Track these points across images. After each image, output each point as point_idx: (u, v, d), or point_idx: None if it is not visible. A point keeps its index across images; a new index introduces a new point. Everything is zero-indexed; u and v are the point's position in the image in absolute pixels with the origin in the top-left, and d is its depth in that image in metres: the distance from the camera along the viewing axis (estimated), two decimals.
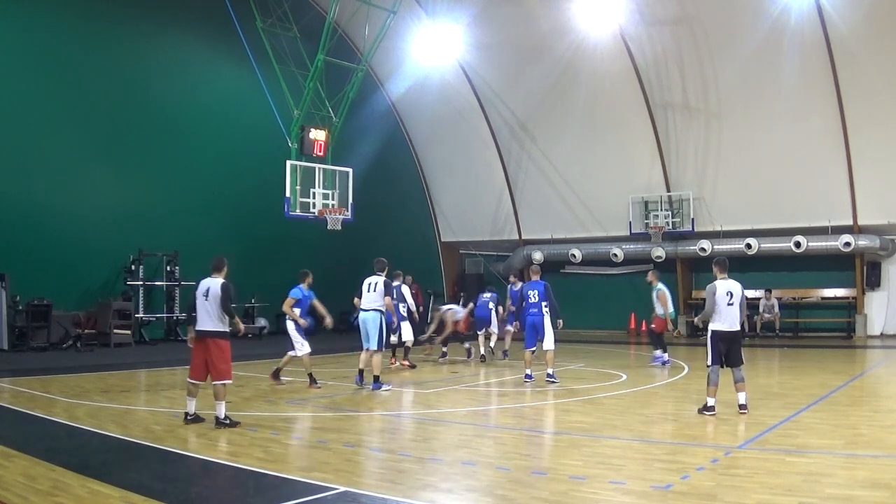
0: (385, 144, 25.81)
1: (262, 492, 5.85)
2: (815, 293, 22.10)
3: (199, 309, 8.51)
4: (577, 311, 24.41)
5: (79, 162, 19.11)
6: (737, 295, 8.99)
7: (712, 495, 5.47)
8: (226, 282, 8.66)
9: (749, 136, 21.16)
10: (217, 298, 8.43)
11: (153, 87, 20.54)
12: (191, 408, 8.47)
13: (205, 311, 8.47)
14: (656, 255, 23.32)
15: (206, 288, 8.54)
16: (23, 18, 18.16)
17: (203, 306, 8.48)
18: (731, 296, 8.96)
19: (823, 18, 18.65)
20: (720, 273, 9.19)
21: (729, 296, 8.96)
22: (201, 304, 8.49)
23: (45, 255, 17.97)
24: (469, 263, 27.86)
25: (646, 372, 13.86)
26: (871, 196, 20.22)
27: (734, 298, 8.96)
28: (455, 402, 10.66)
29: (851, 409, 9.58)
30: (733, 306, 8.97)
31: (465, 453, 7.15)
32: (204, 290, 8.54)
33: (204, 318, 8.48)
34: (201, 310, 8.49)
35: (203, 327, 8.47)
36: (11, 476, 6.07)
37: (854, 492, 5.50)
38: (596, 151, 23.73)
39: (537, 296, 12.12)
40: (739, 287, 9.07)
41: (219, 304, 8.42)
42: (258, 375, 13.29)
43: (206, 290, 8.53)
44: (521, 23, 22.45)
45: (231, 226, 22.16)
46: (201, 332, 8.47)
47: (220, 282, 8.60)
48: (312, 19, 20.56)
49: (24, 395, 10.61)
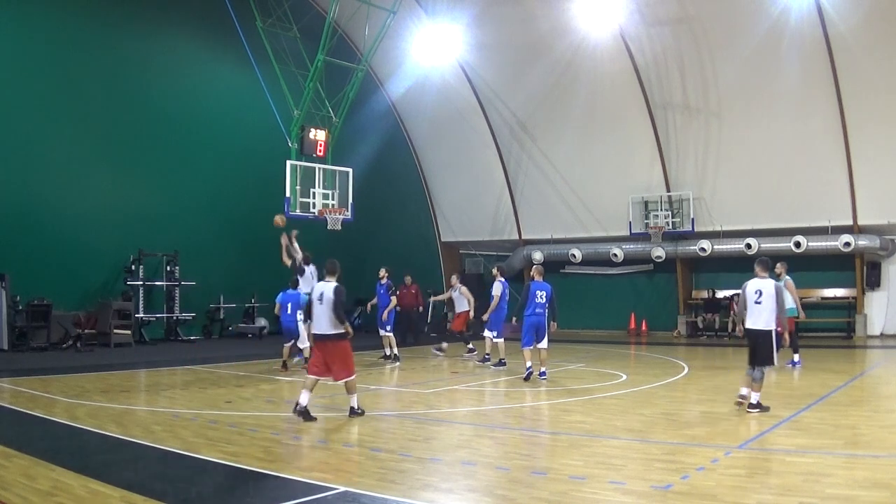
0: (385, 144, 25.81)
1: (262, 492, 5.85)
2: (815, 293, 22.08)
3: (315, 313, 8.83)
4: (577, 311, 24.45)
5: (79, 162, 19.12)
6: (766, 294, 8.99)
7: (712, 495, 5.47)
8: (339, 286, 8.89)
9: (749, 136, 21.16)
10: (331, 303, 8.68)
11: (153, 87, 20.55)
12: (303, 400, 8.65)
13: (322, 315, 8.75)
14: (656, 255, 23.33)
15: (321, 292, 8.82)
16: (22, 19, 18.16)
17: (319, 310, 8.77)
18: (759, 294, 9.00)
19: (823, 18, 18.65)
20: (761, 272, 9.22)
21: (757, 294, 9.01)
22: (317, 309, 8.79)
23: (45, 255, 17.98)
24: (469, 263, 27.86)
25: (646, 372, 13.84)
26: (871, 196, 20.22)
27: (762, 297, 8.98)
28: (455, 402, 10.66)
29: (851, 409, 9.57)
30: (761, 304, 8.99)
31: (465, 453, 7.15)
32: (318, 295, 8.82)
33: (321, 321, 8.77)
34: (318, 314, 8.80)
35: (320, 331, 8.80)
36: (11, 476, 6.07)
37: (854, 492, 5.51)
38: (596, 151, 23.72)
39: (545, 297, 12.26)
40: (772, 286, 9.08)
41: (332, 308, 8.67)
42: (258, 375, 13.31)
43: (321, 294, 8.80)
44: (521, 23, 22.45)
45: (231, 226, 22.18)
46: (319, 336, 8.84)
47: (333, 286, 8.84)
48: (312, 19, 20.56)
49: (24, 395, 10.61)
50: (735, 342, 20.91)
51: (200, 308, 21.47)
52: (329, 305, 8.67)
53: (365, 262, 23.68)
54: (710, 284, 23.46)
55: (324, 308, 8.71)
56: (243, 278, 22.28)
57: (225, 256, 21.76)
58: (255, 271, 22.77)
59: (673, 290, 23.97)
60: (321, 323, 8.75)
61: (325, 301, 8.72)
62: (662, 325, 23.88)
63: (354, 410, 8.90)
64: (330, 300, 8.67)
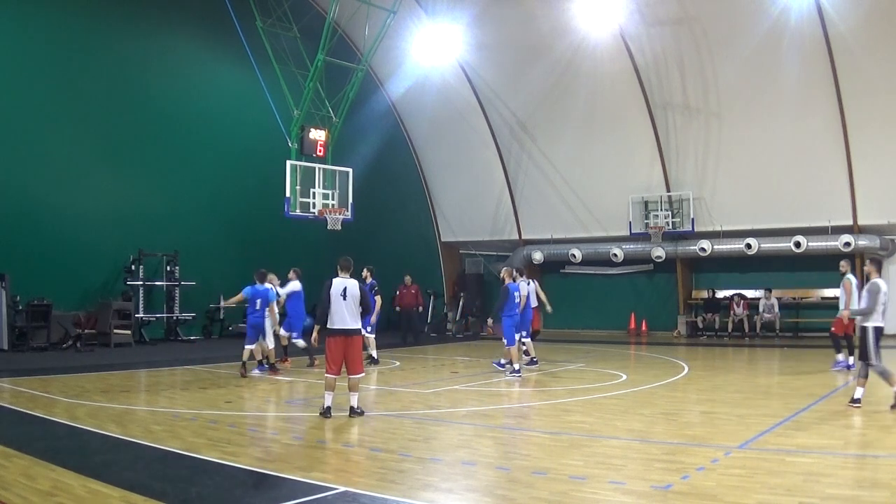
0: (385, 144, 25.81)
1: (262, 492, 5.86)
2: (815, 293, 22.08)
3: (335, 308, 8.85)
4: (577, 311, 24.45)
5: (79, 162, 19.12)
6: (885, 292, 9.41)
7: (712, 495, 5.47)
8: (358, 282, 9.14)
9: (749, 136, 21.15)
10: (356, 298, 8.87)
11: (153, 87, 20.54)
12: (328, 401, 8.88)
13: (345, 311, 8.85)
14: (656, 255, 23.32)
15: (343, 288, 8.90)
16: (22, 19, 18.16)
17: (342, 306, 8.84)
18: (886, 295, 9.39)
19: (823, 18, 18.64)
20: (875, 273, 9.56)
21: (885, 295, 9.37)
22: (339, 304, 8.84)
23: (45, 255, 17.97)
24: (469, 263, 27.86)
25: (646, 372, 13.83)
26: (871, 196, 20.20)
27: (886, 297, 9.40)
28: (455, 402, 10.66)
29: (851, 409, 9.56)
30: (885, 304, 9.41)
31: (465, 453, 7.15)
32: (341, 290, 8.88)
33: (344, 317, 8.86)
34: (341, 309, 8.84)
35: (342, 325, 8.87)
36: (11, 476, 6.07)
37: (854, 492, 5.51)
38: (596, 151, 23.71)
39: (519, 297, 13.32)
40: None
41: (357, 303, 8.87)
42: (259, 375, 13.30)
43: (343, 289, 8.89)
44: (521, 23, 22.44)
45: (231, 226, 22.18)
46: (342, 331, 8.87)
47: (354, 281, 9.03)
48: (312, 19, 20.55)
49: (24, 395, 10.61)
50: (735, 342, 20.92)
51: (200, 308, 21.45)
52: (354, 300, 8.85)
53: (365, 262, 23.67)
54: (710, 284, 23.46)
55: (347, 303, 8.84)
56: (243, 278, 22.17)
57: (225, 256, 21.74)
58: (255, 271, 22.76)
59: (673, 290, 23.96)
60: (343, 317, 8.85)
61: (348, 296, 8.85)
62: (662, 325, 23.86)
63: (354, 410, 8.96)
64: (356, 296, 8.86)
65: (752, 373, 14.65)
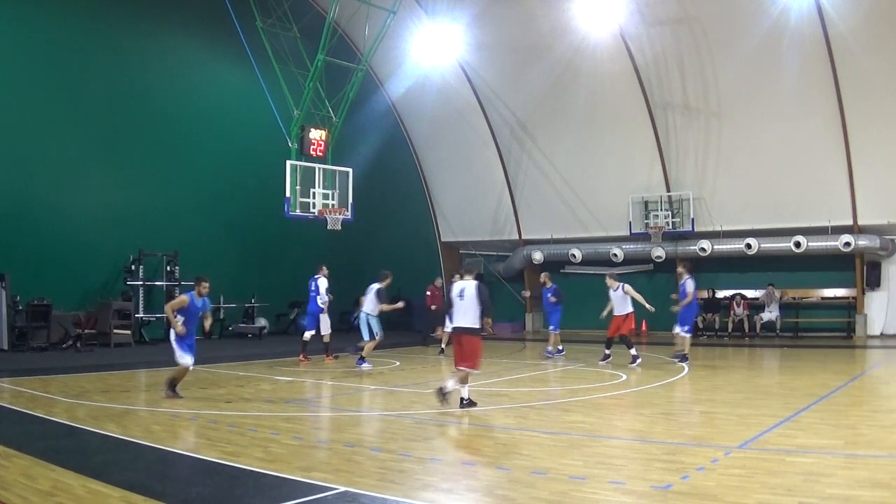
0: (385, 144, 25.83)
1: (262, 492, 5.85)
2: (815, 293, 22.08)
3: (456, 308, 9.56)
4: (577, 311, 24.38)
5: (79, 162, 19.13)
6: None
7: (712, 495, 5.46)
8: (480, 283, 9.67)
9: (749, 136, 21.15)
10: (473, 299, 9.42)
11: (153, 87, 20.55)
12: (465, 393, 9.53)
13: (461, 311, 9.50)
14: (656, 255, 23.32)
15: (461, 289, 9.56)
16: (22, 19, 18.17)
17: (459, 306, 9.50)
18: None
19: (823, 18, 18.64)
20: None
21: None
22: (458, 304, 9.52)
23: (45, 255, 17.98)
24: (469, 263, 27.84)
25: (646, 372, 13.85)
26: (871, 196, 20.19)
27: None
28: (455, 401, 10.65)
29: (851, 409, 9.56)
30: None
31: (465, 453, 7.14)
32: (459, 292, 9.56)
33: (459, 316, 9.54)
34: (459, 309, 9.52)
35: (459, 324, 9.59)
36: (11, 476, 6.07)
37: (854, 492, 5.50)
38: (596, 151, 23.71)
39: None
40: None
41: (476, 304, 9.41)
42: (259, 375, 13.30)
43: (461, 291, 9.54)
44: (521, 23, 22.44)
45: (231, 226, 22.19)
46: (458, 329, 9.61)
47: (475, 283, 9.59)
48: (312, 19, 20.56)
49: (24, 395, 10.61)
50: (735, 342, 20.92)
51: None
52: (472, 302, 9.38)
53: (365, 262, 23.70)
54: (710, 284, 23.44)
55: (465, 304, 9.42)
56: (243, 278, 22.28)
57: (225, 256, 21.74)
58: (255, 271, 22.79)
59: (673, 290, 23.92)
60: (461, 317, 9.48)
61: (466, 297, 9.42)
62: (662, 325, 23.84)
63: (464, 401, 9.48)
64: (473, 297, 9.39)
65: (752, 373, 14.65)
